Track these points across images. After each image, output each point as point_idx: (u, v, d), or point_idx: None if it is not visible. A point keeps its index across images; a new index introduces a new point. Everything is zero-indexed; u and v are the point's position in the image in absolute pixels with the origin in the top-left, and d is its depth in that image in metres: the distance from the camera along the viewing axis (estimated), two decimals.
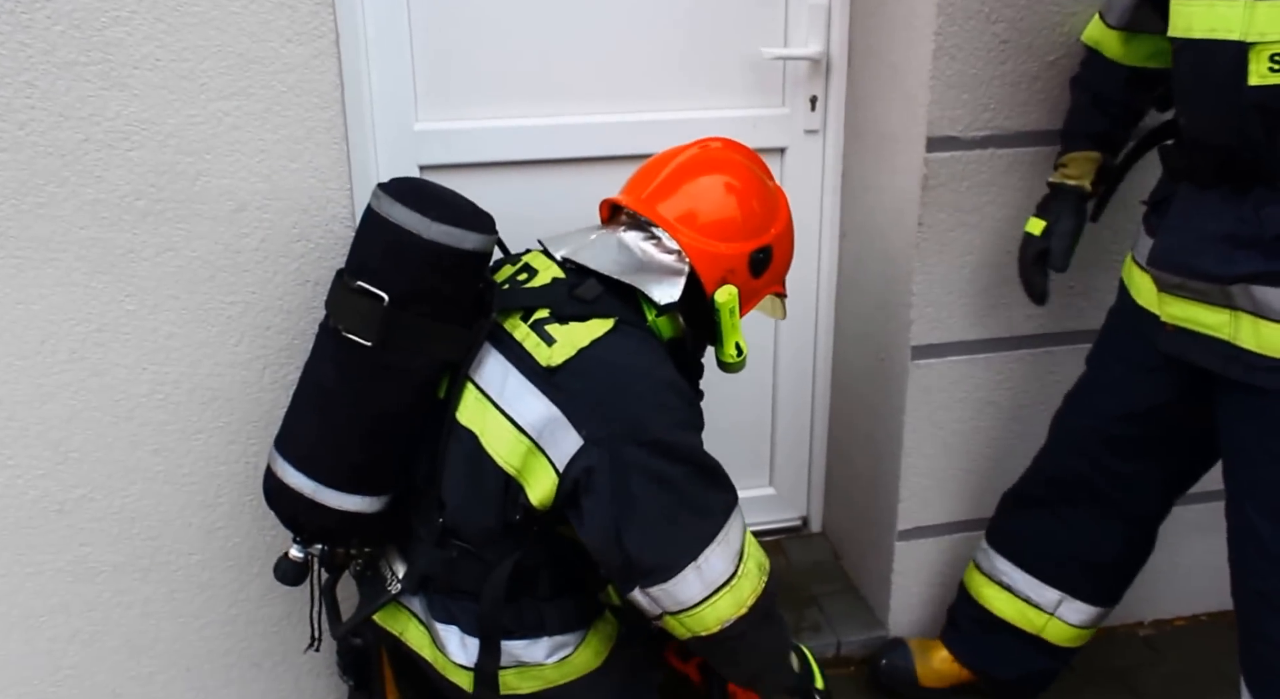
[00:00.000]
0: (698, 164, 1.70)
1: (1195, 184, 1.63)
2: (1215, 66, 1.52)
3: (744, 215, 1.66)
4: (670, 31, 2.11)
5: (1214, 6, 1.51)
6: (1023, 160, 2.04)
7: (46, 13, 1.62)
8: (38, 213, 1.71)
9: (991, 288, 2.11)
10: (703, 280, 1.61)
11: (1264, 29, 1.44)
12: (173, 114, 1.72)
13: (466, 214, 1.57)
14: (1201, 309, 1.62)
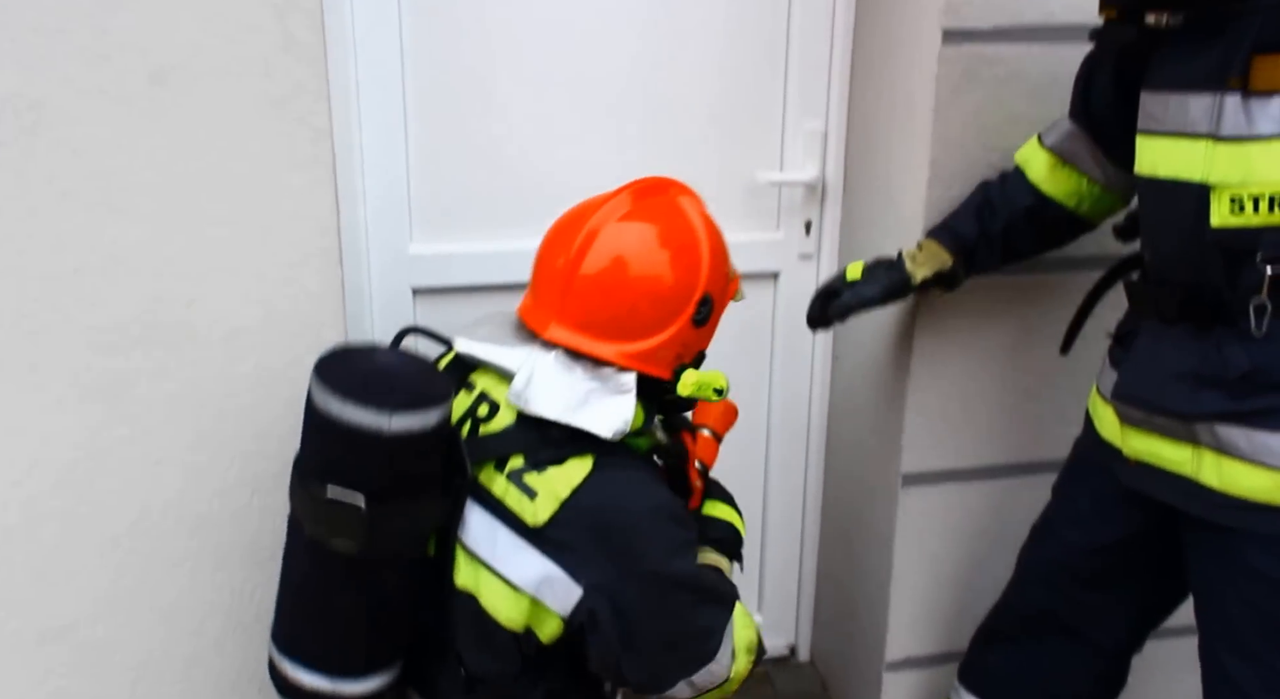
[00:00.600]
0: (601, 259, 1.55)
1: (1160, 320, 1.62)
2: (1179, 206, 1.53)
3: (669, 290, 1.56)
4: (665, 155, 2.14)
5: (1178, 147, 1.53)
6: (1017, 288, 2.05)
7: (47, 141, 1.64)
8: (32, 339, 1.71)
9: (984, 416, 2.11)
10: (655, 376, 1.58)
11: (1225, 172, 1.46)
12: (169, 241, 1.73)
13: (419, 389, 1.47)
14: (1164, 443, 1.61)
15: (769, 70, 2.16)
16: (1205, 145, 1.48)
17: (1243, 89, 1.42)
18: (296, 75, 1.71)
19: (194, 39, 1.65)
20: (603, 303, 1.53)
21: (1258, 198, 1.43)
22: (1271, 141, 1.41)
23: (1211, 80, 1.46)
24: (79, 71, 1.62)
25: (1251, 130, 1.42)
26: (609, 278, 1.53)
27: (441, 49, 1.97)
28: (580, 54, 2.04)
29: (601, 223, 1.56)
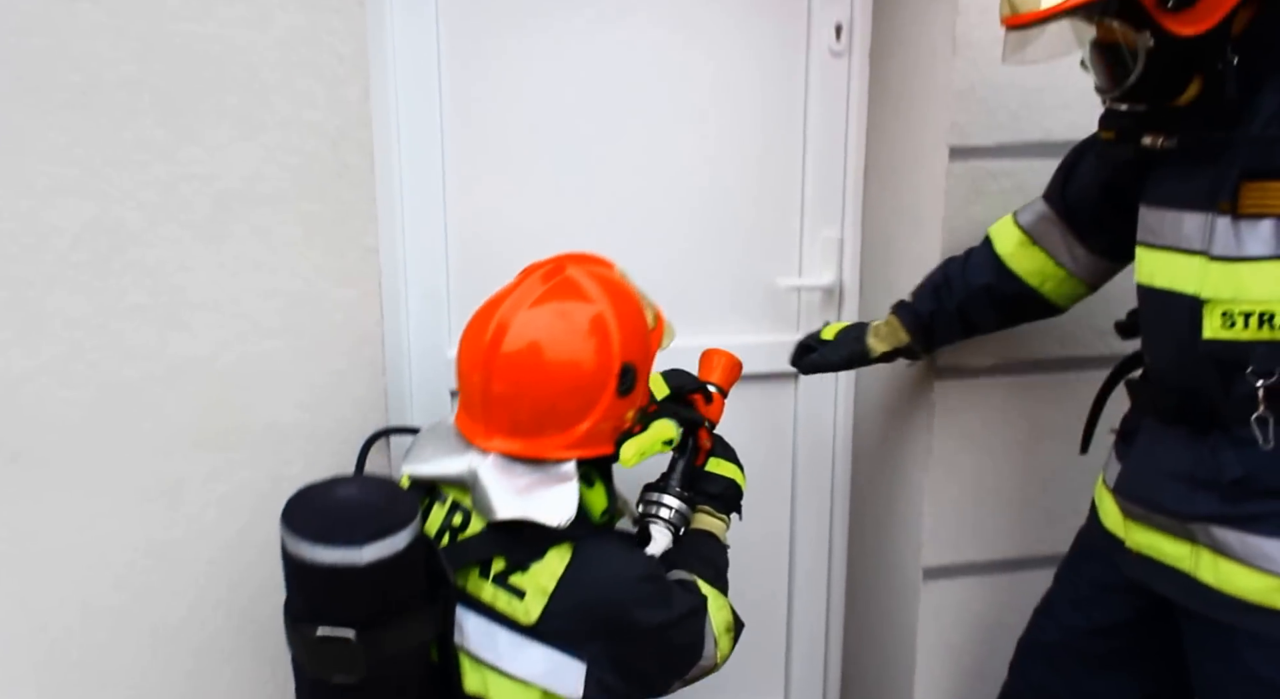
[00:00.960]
0: (509, 368, 1.58)
1: (1159, 419, 1.68)
2: (1174, 316, 1.59)
3: (585, 377, 1.59)
4: (688, 262, 2.26)
5: (1173, 261, 1.60)
6: (1030, 387, 2.14)
7: (121, 262, 1.78)
8: (97, 444, 1.82)
9: (1002, 511, 2.17)
10: (596, 456, 1.64)
11: (1217, 288, 1.52)
12: (227, 351, 1.86)
13: (384, 515, 1.49)
14: (1164, 539, 1.65)
15: (787, 182, 2.29)
16: (1199, 261, 1.54)
17: (1232, 212, 1.49)
18: (348, 199, 1.85)
19: (256, 168, 1.80)
20: (521, 408, 1.60)
21: (1248, 314, 1.49)
22: (1260, 262, 1.47)
23: (1204, 201, 1.53)
24: (152, 198, 1.77)
25: (1241, 251, 1.49)
26: (521, 384, 1.59)
27: (479, 170, 2.11)
28: (612, 172, 2.18)
29: (504, 325, 1.60)
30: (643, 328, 1.69)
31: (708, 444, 1.84)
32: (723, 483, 1.83)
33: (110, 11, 1.69)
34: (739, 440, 2.10)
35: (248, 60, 1.76)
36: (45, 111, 1.70)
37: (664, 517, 1.76)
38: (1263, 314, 1.48)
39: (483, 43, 2.06)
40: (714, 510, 1.82)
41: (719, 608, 1.70)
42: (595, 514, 1.68)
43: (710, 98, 2.21)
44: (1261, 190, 1.47)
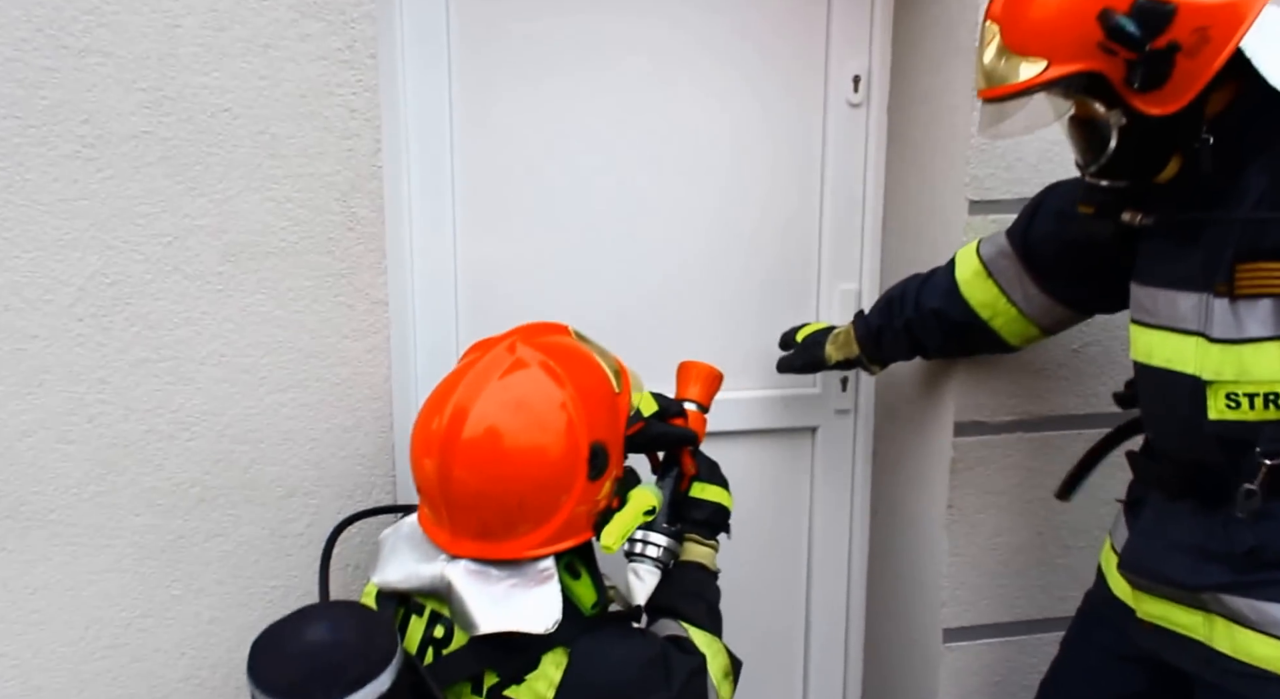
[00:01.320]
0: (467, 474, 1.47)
1: (1165, 494, 1.64)
2: (1175, 394, 1.56)
3: (550, 472, 1.49)
4: (705, 314, 2.22)
5: (1170, 340, 1.56)
6: (1050, 443, 2.09)
7: (125, 315, 1.75)
8: (97, 501, 1.78)
9: (1024, 570, 2.12)
10: (576, 545, 1.55)
11: (1219, 369, 1.49)
12: (232, 405, 1.82)
13: (359, 660, 1.38)
14: (1176, 609, 1.60)
15: (805, 235, 2.26)
16: (1197, 342, 1.51)
17: (1229, 294, 1.46)
18: (357, 251, 1.82)
19: (264, 220, 1.77)
20: (489, 511, 1.49)
21: (1252, 394, 1.47)
22: (1262, 343, 1.45)
23: (1197, 282, 1.51)
24: (157, 251, 1.74)
25: (1241, 333, 1.46)
26: (483, 486, 1.48)
27: (491, 223, 2.08)
28: (626, 225, 2.15)
29: (455, 428, 1.48)
30: (607, 397, 1.59)
31: (691, 469, 1.77)
32: (709, 508, 1.75)
33: (120, 65, 1.68)
34: (758, 494, 2.07)
35: (258, 113, 1.75)
36: (51, 163, 1.68)
37: (651, 555, 1.68)
38: (1268, 394, 1.45)
39: (496, 97, 2.04)
40: (702, 538, 1.74)
41: (715, 655, 1.63)
42: (585, 608, 1.59)
43: (727, 149, 2.18)
44: (1257, 271, 1.44)
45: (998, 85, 1.51)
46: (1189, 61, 1.39)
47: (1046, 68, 1.45)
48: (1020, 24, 1.48)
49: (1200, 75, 1.40)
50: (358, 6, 1.76)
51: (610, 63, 2.09)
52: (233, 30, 1.72)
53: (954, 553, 2.08)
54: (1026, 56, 1.47)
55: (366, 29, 1.77)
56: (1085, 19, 1.41)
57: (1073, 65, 1.44)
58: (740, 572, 2.06)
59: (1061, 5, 1.44)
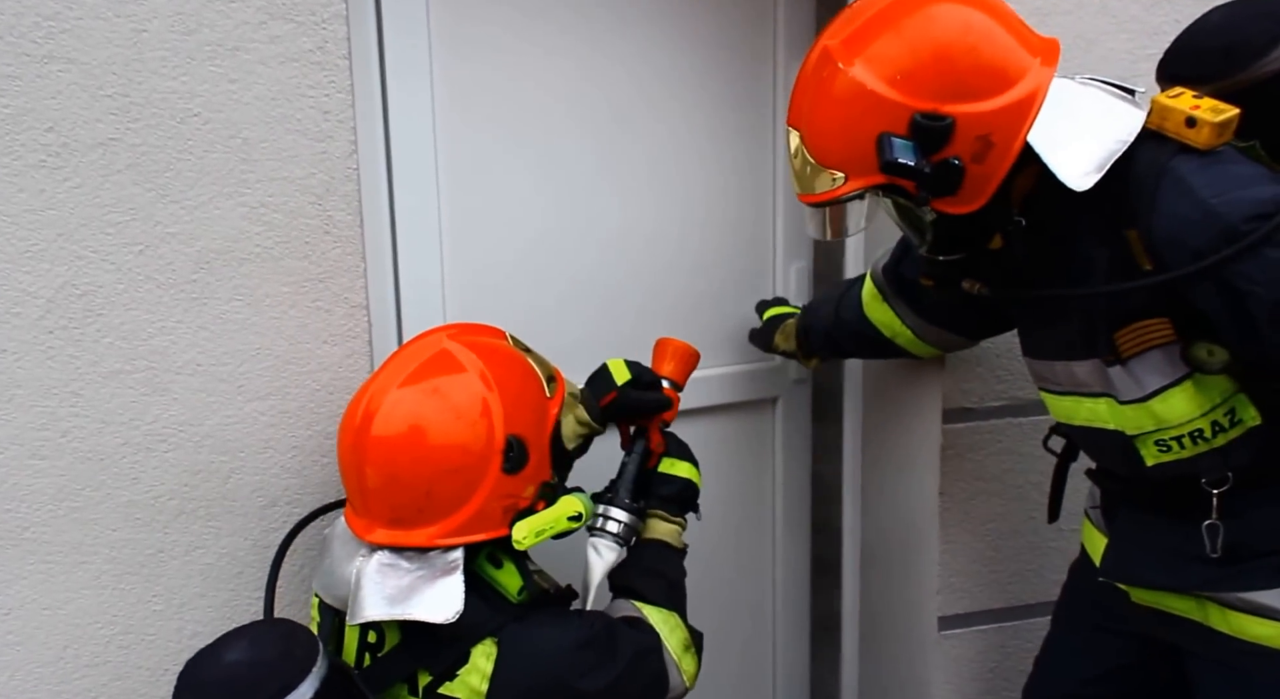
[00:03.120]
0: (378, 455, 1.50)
1: (1133, 506, 1.65)
2: (1109, 447, 1.60)
3: (459, 458, 1.49)
4: (669, 296, 2.26)
5: (1083, 404, 1.60)
6: (1039, 427, 2.05)
7: (97, 326, 1.71)
8: (72, 517, 1.74)
9: (1016, 555, 2.11)
10: (489, 538, 1.53)
11: (1138, 423, 1.53)
12: (211, 415, 1.78)
13: (280, 669, 1.38)
14: (1168, 596, 1.61)
15: (760, 219, 2.32)
16: (1109, 402, 1.55)
17: (1119, 360, 1.50)
18: (334, 255, 1.80)
19: (239, 226, 1.74)
20: (398, 495, 1.50)
21: (1179, 436, 1.50)
22: (1166, 392, 1.49)
23: (1082, 352, 1.55)
24: (129, 260, 1.71)
25: (1144, 390, 1.50)
26: (393, 468, 1.50)
27: (476, 223, 2.06)
28: (599, 213, 2.16)
29: (372, 407, 1.52)
30: (534, 397, 1.60)
31: (659, 447, 1.75)
32: (678, 484, 1.74)
33: (85, 71, 1.64)
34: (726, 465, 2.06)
35: (229, 117, 1.72)
36: (16, 174, 1.64)
37: (611, 530, 1.67)
38: (1192, 432, 1.49)
39: (479, 94, 2.03)
40: (668, 514, 1.73)
41: (672, 630, 1.62)
42: (512, 595, 1.58)
43: (689, 143, 2.22)
44: (1133, 332, 1.48)
45: (807, 192, 1.53)
46: (978, 166, 1.42)
47: (846, 180, 1.47)
48: (816, 137, 1.49)
49: (991, 178, 1.44)
50: (328, 7, 1.73)
51: (589, 61, 2.09)
52: (200, 33, 1.69)
53: (946, 540, 2.08)
54: (825, 166, 1.48)
55: (338, 29, 1.75)
56: (868, 140, 1.42)
57: (867, 179, 1.45)
58: (709, 543, 2.06)
59: (846, 123, 1.45)
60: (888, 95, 1.41)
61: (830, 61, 1.45)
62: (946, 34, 1.43)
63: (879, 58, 1.42)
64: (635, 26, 2.12)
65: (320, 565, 1.63)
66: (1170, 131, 1.40)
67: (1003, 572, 2.11)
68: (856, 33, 1.46)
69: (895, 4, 1.47)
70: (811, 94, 1.49)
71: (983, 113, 1.40)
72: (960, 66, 1.41)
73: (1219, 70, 1.48)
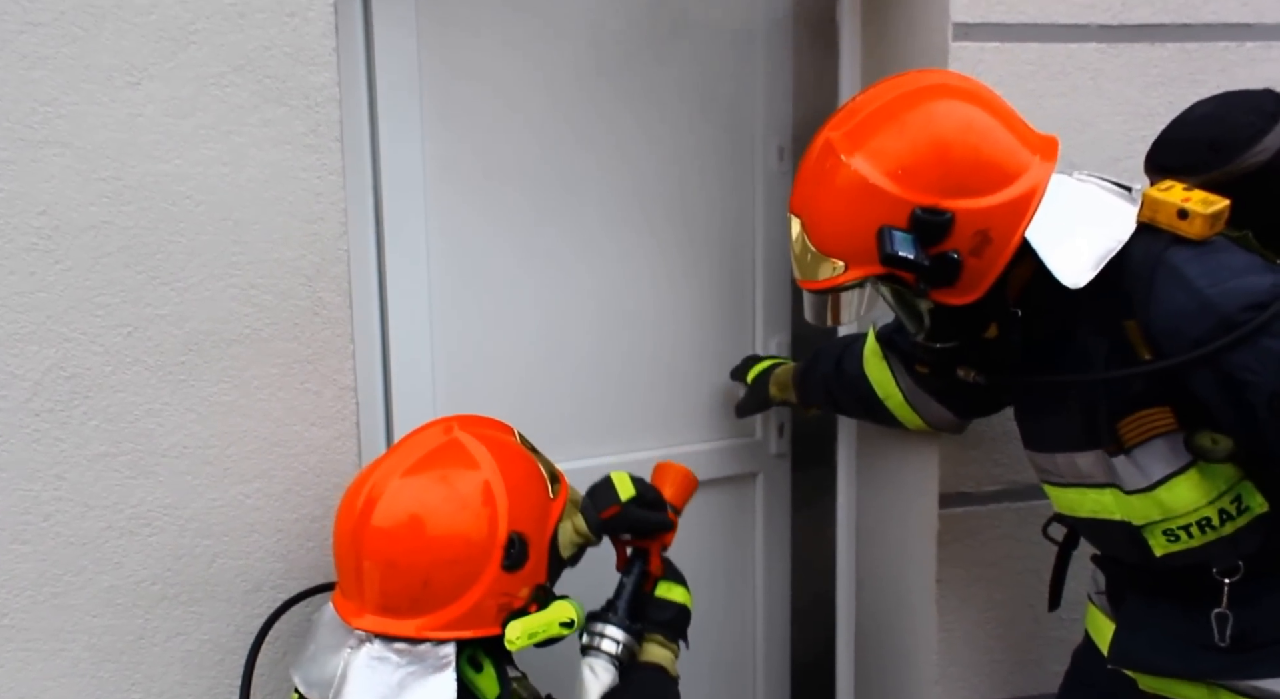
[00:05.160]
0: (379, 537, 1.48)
1: (1141, 593, 1.62)
2: (1116, 539, 1.58)
3: (460, 550, 1.47)
4: (648, 372, 2.26)
5: (1087, 495, 1.59)
6: (1037, 512, 2.03)
7: (83, 409, 1.70)
8: (52, 603, 1.71)
9: (1017, 644, 2.07)
10: (481, 636, 1.50)
11: (1145, 513, 1.51)
12: (196, 498, 1.76)
13: None
14: (1177, 683, 1.57)
15: (740, 291, 2.34)
16: (1113, 493, 1.54)
17: (1122, 450, 1.49)
18: (324, 336, 1.79)
19: (228, 307, 1.74)
20: (393, 582, 1.48)
21: (1186, 525, 1.48)
22: (1172, 480, 1.47)
23: (1084, 443, 1.54)
24: (117, 343, 1.70)
25: (1149, 479, 1.49)
26: (391, 554, 1.48)
27: (465, 306, 2.06)
28: (584, 294, 2.18)
29: (376, 492, 1.51)
30: (538, 496, 1.58)
31: (658, 571, 1.72)
32: (674, 609, 1.71)
33: (79, 155, 1.65)
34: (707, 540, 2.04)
35: (220, 199, 1.72)
36: (8, 256, 1.64)
37: (608, 650, 1.63)
38: (1200, 521, 1.47)
39: (469, 169, 2.04)
40: (664, 640, 1.68)
41: None
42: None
43: (666, 217, 2.24)
44: (1136, 421, 1.48)
45: (808, 278, 1.54)
46: (976, 260, 1.43)
47: (846, 269, 1.48)
48: (818, 226, 1.50)
49: (989, 272, 1.45)
50: (321, 90, 1.74)
51: (576, 151, 2.13)
52: (194, 117, 1.70)
53: (944, 628, 2.03)
54: (826, 255, 1.49)
55: (331, 112, 1.76)
56: (869, 231, 1.44)
57: (867, 269, 1.47)
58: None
59: (848, 214, 1.46)
60: (889, 189, 1.43)
61: (833, 153, 1.47)
62: (947, 131, 1.45)
63: (881, 152, 1.45)
64: (623, 108, 2.16)
65: (302, 653, 1.60)
66: (1163, 224, 1.42)
67: (1003, 661, 2.06)
68: (859, 126, 1.48)
69: (897, 99, 1.50)
70: (814, 183, 1.51)
71: (982, 209, 1.42)
72: (961, 164, 1.43)
73: (1206, 162, 1.50)
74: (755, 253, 2.33)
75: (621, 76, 2.15)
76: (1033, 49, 1.98)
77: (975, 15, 1.94)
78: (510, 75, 2.06)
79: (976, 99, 1.50)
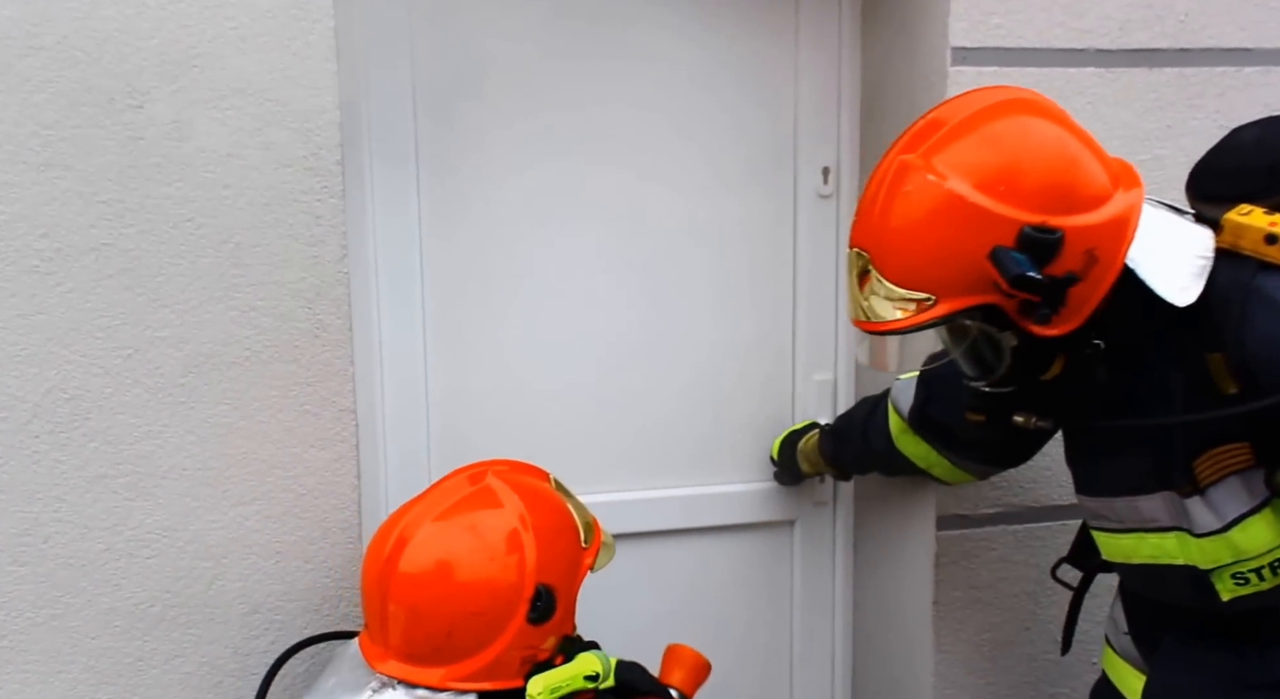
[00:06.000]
0: (405, 585, 1.48)
1: (1182, 630, 1.54)
2: (1174, 585, 1.49)
3: (486, 602, 1.46)
4: (681, 410, 2.19)
5: (1146, 541, 1.50)
6: (1034, 535, 2.05)
7: (83, 431, 1.71)
8: (51, 625, 1.71)
9: (1013, 667, 2.06)
10: (502, 689, 1.48)
11: (1215, 558, 1.42)
12: (194, 520, 1.77)
13: None
14: None
15: (779, 325, 2.24)
16: (1179, 537, 1.45)
17: (1197, 491, 1.41)
18: (324, 358, 1.79)
19: (228, 330, 1.74)
20: (418, 630, 1.48)
21: (1259, 568, 1.40)
22: (1247, 520, 1.39)
23: (1152, 485, 1.45)
24: (117, 365, 1.70)
25: (1223, 520, 1.40)
26: (417, 602, 1.47)
27: (462, 330, 2.05)
28: (600, 326, 2.12)
29: (404, 538, 1.50)
30: (569, 546, 1.56)
31: None
32: None
33: (81, 178, 1.66)
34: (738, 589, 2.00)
35: (221, 222, 1.72)
36: (9, 278, 1.65)
37: None
38: (1273, 563, 1.40)
39: (465, 200, 2.03)
40: None
41: None
42: None
43: (699, 243, 2.16)
44: (1212, 458, 1.40)
45: (875, 319, 1.40)
46: (1081, 284, 1.34)
47: (935, 303, 1.34)
48: (898, 257, 1.36)
49: (1092, 295, 1.36)
50: (322, 114, 1.75)
51: (582, 164, 2.08)
52: (195, 140, 1.70)
53: (940, 650, 2.03)
54: (909, 290, 1.35)
55: (331, 135, 1.76)
56: (974, 254, 1.31)
57: (963, 300, 1.34)
58: (721, 668, 1.99)
59: (943, 237, 1.34)
60: (992, 207, 1.31)
61: (914, 174, 1.35)
62: (1045, 145, 1.36)
63: (976, 168, 1.33)
64: (637, 126, 2.10)
65: (320, 685, 1.58)
66: (1247, 249, 1.34)
67: (999, 684, 2.06)
68: (940, 144, 1.36)
69: (978, 114, 1.38)
70: (888, 211, 1.37)
71: (1089, 226, 1.33)
72: (1064, 178, 1.34)
73: (1267, 188, 1.42)
74: (795, 286, 2.22)
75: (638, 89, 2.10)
76: (1031, 74, 1.98)
77: (974, 40, 1.95)
78: (514, 95, 2.05)
79: (1058, 116, 1.41)
